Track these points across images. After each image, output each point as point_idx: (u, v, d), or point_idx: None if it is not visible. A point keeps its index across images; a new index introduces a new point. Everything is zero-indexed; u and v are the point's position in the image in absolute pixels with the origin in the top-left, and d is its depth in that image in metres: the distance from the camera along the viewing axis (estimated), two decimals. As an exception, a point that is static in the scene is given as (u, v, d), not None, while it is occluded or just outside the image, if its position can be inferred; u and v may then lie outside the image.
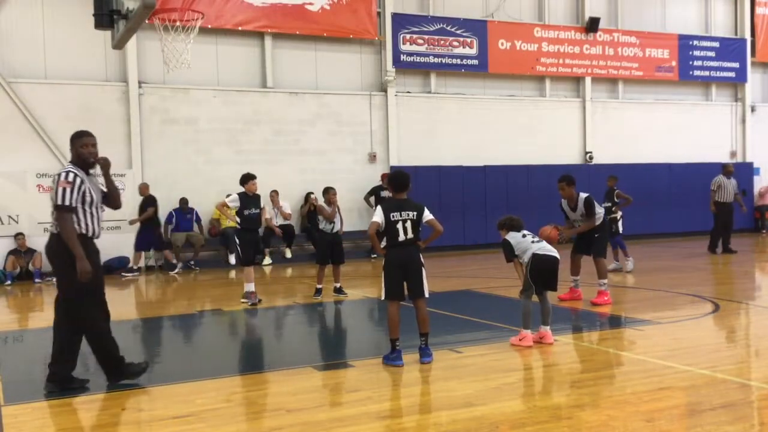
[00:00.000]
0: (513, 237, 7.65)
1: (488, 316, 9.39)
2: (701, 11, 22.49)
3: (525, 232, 7.67)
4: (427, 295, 6.85)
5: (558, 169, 15.22)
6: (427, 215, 6.82)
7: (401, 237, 6.69)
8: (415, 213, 6.74)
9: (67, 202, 5.95)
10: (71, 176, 6.00)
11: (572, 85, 20.89)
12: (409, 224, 6.70)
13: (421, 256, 6.86)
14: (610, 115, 21.11)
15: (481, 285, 12.34)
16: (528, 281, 7.46)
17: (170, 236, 16.06)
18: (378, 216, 6.72)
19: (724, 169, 16.71)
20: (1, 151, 15.07)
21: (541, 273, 7.41)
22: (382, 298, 6.82)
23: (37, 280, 14.40)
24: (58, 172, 6.14)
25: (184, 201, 16.11)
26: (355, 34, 17.96)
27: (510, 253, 7.64)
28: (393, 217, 6.68)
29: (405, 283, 6.77)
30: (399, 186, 6.84)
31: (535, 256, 7.41)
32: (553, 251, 7.51)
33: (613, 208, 13.49)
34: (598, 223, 9.81)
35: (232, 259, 16.15)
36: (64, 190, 5.95)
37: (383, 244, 6.83)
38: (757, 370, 6.58)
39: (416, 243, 6.81)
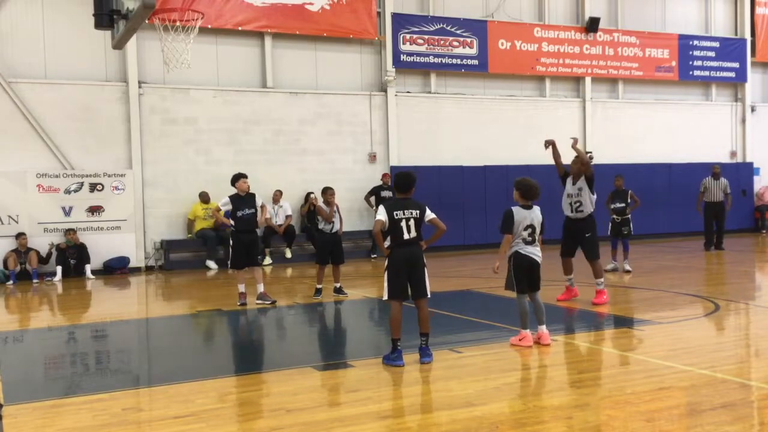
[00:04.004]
0: (518, 214, 7.41)
1: (488, 316, 9.40)
2: (701, 11, 22.48)
3: (527, 223, 7.40)
4: (429, 295, 6.86)
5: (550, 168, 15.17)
6: (429, 214, 6.83)
7: (406, 235, 6.70)
8: (417, 211, 6.76)
9: None
10: None
11: (572, 85, 20.88)
12: (412, 222, 6.72)
13: (423, 255, 6.86)
14: (610, 115, 21.11)
15: (481, 285, 12.33)
16: (511, 277, 7.42)
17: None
18: (382, 215, 6.71)
19: (712, 170, 17.46)
20: (1, 151, 15.07)
21: (522, 271, 7.37)
22: (385, 297, 6.81)
23: (35, 280, 14.41)
24: None
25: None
26: (355, 34, 17.95)
27: (507, 225, 7.36)
28: (396, 215, 6.69)
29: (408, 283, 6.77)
30: (405, 186, 6.83)
31: (516, 253, 7.38)
32: (534, 254, 7.41)
33: (627, 210, 13.50)
34: (588, 212, 9.77)
35: (212, 264, 15.99)
36: None
37: (387, 243, 6.83)
38: (757, 370, 6.58)
39: (419, 242, 6.82)
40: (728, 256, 16.08)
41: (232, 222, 10.63)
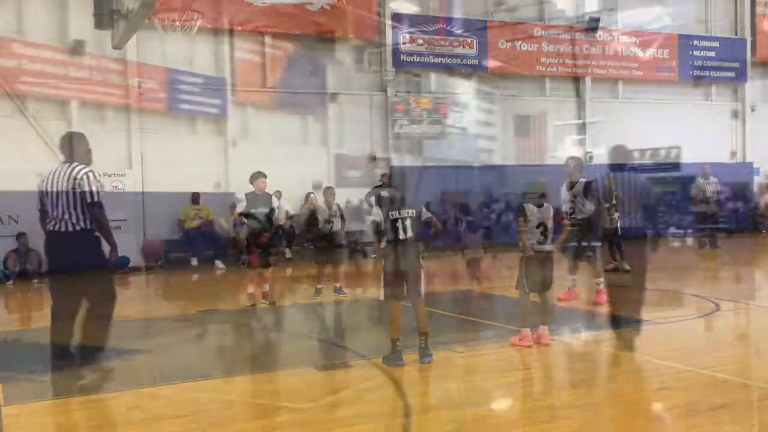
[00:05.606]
0: (530, 209, 7.38)
1: (488, 316, 9.39)
2: (701, 11, 22.48)
3: (539, 220, 7.38)
4: (422, 295, 6.83)
5: (558, 168, 15.18)
6: (425, 213, 6.85)
7: (401, 235, 6.70)
8: (413, 211, 6.77)
9: (101, 199, 6.50)
10: (96, 176, 6.52)
11: (572, 85, 20.87)
12: (408, 222, 6.71)
13: (419, 255, 6.86)
14: (610, 115, 21.10)
15: (482, 285, 12.31)
16: (522, 276, 7.43)
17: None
18: (378, 215, 6.72)
19: (702, 170, 17.65)
20: (1, 151, 15.04)
21: (534, 270, 7.37)
22: (381, 297, 6.81)
23: (35, 279, 14.38)
24: (79, 170, 6.46)
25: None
26: (355, 34, 17.94)
27: (520, 217, 7.42)
28: (393, 215, 6.69)
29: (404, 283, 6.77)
30: (400, 185, 6.86)
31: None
32: (548, 252, 7.46)
33: (612, 211, 13.50)
34: (581, 218, 9.77)
35: (194, 261, 15.86)
36: (97, 188, 6.46)
37: (383, 243, 6.83)
38: (757, 370, 6.58)
39: (416, 242, 6.81)
40: (728, 256, 16.07)
41: (245, 220, 10.62)
